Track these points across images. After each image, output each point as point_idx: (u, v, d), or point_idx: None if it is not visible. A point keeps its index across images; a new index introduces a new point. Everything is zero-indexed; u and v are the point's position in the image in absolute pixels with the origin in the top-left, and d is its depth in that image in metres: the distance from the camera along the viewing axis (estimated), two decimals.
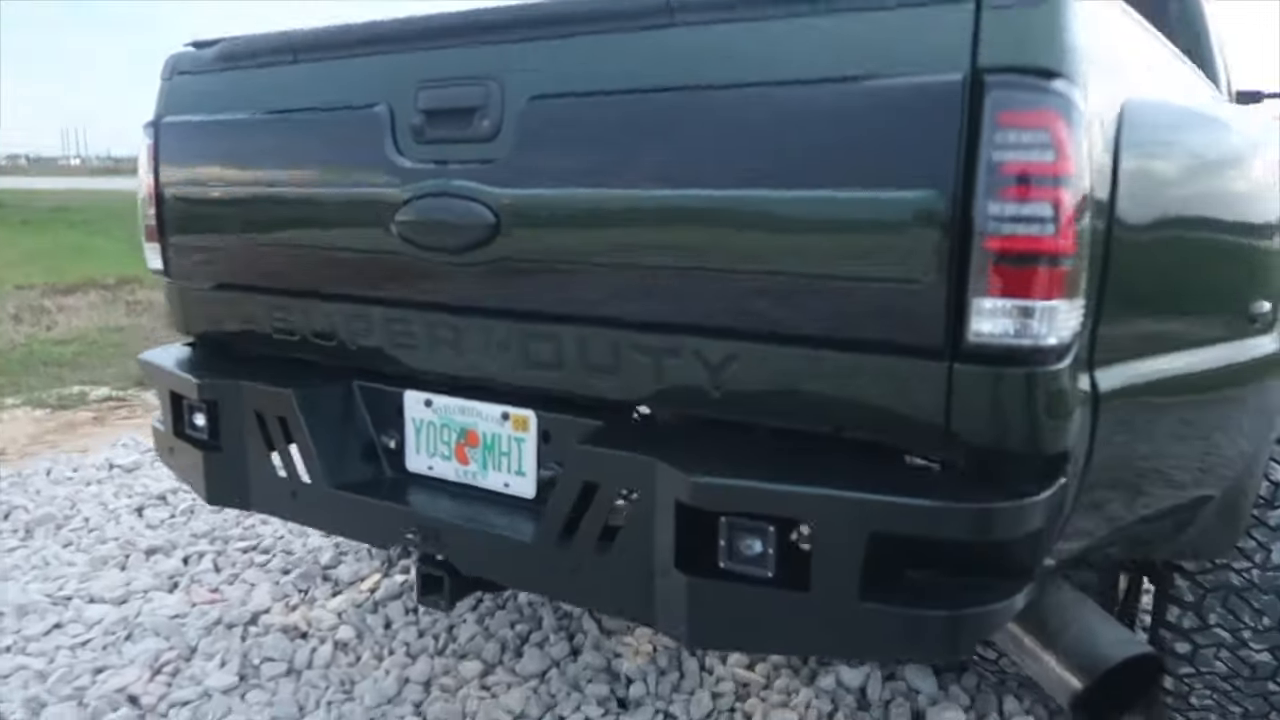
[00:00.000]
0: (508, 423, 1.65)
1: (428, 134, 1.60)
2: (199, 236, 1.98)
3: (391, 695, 2.31)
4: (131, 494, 3.74)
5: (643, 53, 1.41)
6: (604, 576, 1.45)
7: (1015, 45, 1.15)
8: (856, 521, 1.23)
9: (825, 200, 1.26)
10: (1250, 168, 1.59)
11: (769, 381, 1.36)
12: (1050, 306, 1.17)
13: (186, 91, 1.98)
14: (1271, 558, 1.73)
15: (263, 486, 1.86)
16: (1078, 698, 1.50)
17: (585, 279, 1.48)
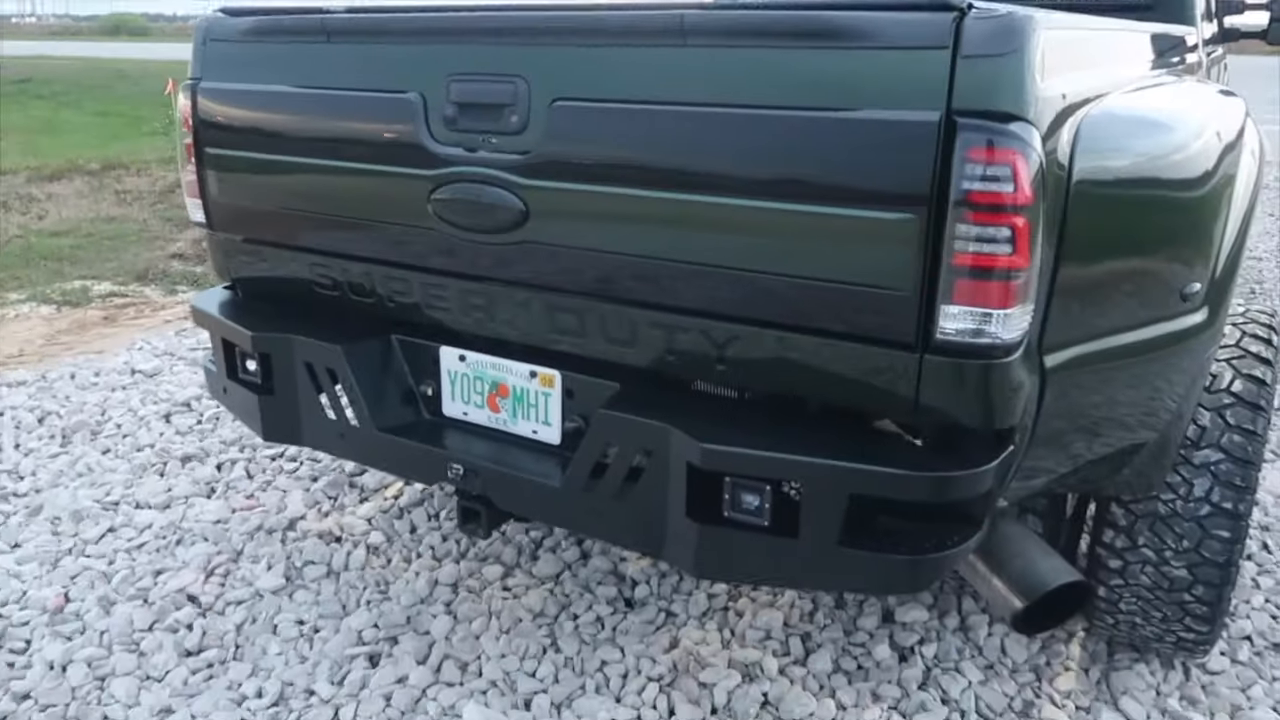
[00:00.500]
0: (535, 379, 1.89)
1: (460, 123, 1.76)
2: (240, 196, 2.15)
3: (424, 596, 2.62)
4: (157, 400, 3.95)
5: (657, 69, 1.57)
6: (622, 518, 1.71)
7: (983, 91, 1.34)
8: (838, 485, 1.49)
9: (816, 214, 1.46)
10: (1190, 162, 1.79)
11: (767, 360, 1.59)
12: (1005, 312, 1.40)
13: (222, 58, 2.11)
14: (1194, 491, 2.01)
15: (314, 427, 2.10)
16: (1018, 616, 1.80)
17: (605, 264, 1.68)
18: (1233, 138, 2.01)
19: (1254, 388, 2.02)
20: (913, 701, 2.23)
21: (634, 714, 2.20)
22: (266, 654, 2.41)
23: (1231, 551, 2.01)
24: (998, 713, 2.21)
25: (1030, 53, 1.35)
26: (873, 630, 2.47)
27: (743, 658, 2.37)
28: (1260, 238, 7.13)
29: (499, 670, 2.33)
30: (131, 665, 2.36)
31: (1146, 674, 2.32)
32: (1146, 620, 2.17)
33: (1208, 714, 2.21)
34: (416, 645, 2.41)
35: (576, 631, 2.47)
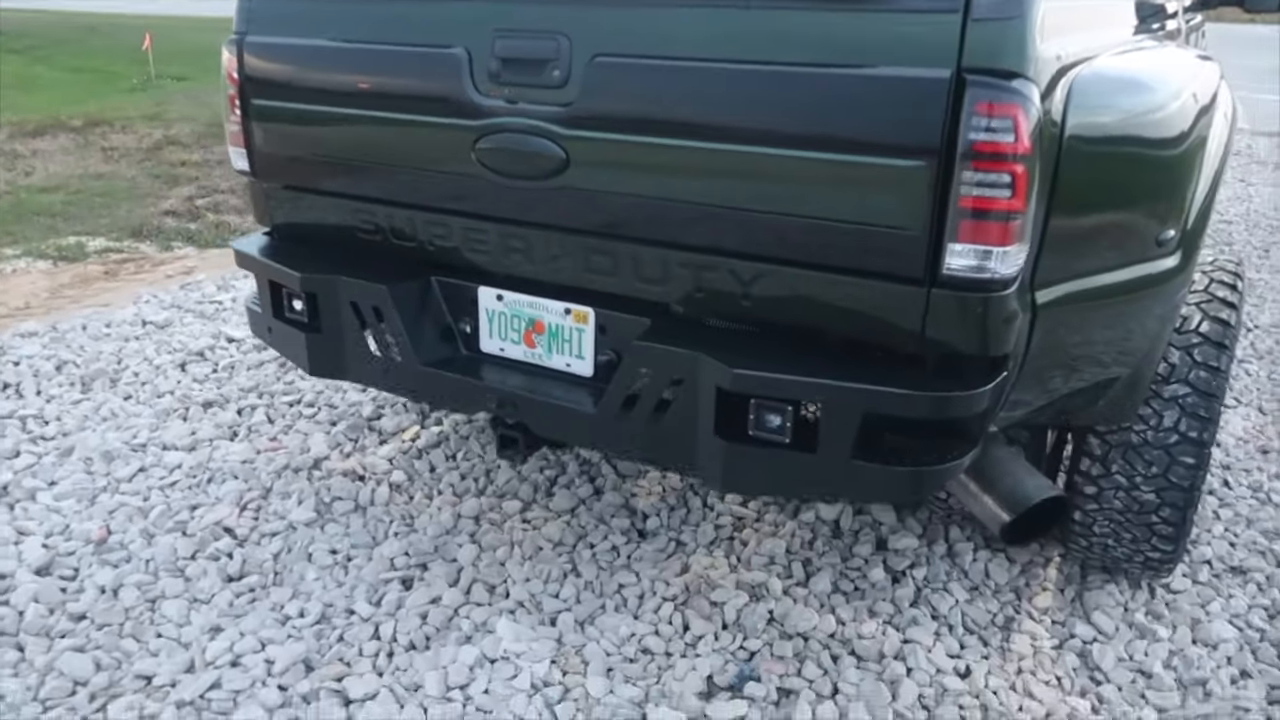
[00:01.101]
0: (569, 316, 2.05)
1: (504, 77, 1.91)
2: (286, 146, 2.28)
3: (449, 527, 2.79)
4: (171, 350, 4.07)
5: (691, 28, 1.72)
6: (656, 439, 1.89)
7: (990, 51, 1.51)
8: (853, 404, 1.68)
9: (837, 161, 1.63)
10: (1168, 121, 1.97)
11: (789, 295, 1.77)
12: (1004, 250, 1.58)
13: (268, 14, 2.24)
14: (1163, 422, 2.22)
15: (359, 363, 2.26)
16: (1005, 527, 2.01)
17: (640, 208, 1.85)
18: (1208, 100, 2.19)
19: (1219, 328, 2.23)
20: (905, 617, 2.45)
21: (652, 629, 2.39)
22: (305, 579, 2.58)
23: (1195, 476, 2.22)
24: (982, 626, 2.43)
25: (1032, 16, 1.52)
26: (868, 556, 2.68)
27: (749, 580, 2.57)
28: (1231, 202, 7.38)
29: (525, 592, 2.51)
30: (179, 589, 2.52)
31: (1116, 593, 2.55)
32: (1118, 542, 2.39)
33: (1170, 626, 2.44)
34: (446, 570, 2.59)
35: (594, 558, 2.66)
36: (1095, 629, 2.42)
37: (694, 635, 2.37)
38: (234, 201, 6.81)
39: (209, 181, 7.45)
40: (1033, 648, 2.36)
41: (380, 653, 2.31)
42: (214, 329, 4.29)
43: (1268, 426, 3.53)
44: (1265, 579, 2.64)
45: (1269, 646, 2.37)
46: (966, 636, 2.39)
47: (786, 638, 2.37)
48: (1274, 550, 2.75)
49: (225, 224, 6.23)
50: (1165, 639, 2.39)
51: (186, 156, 8.36)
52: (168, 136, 9.19)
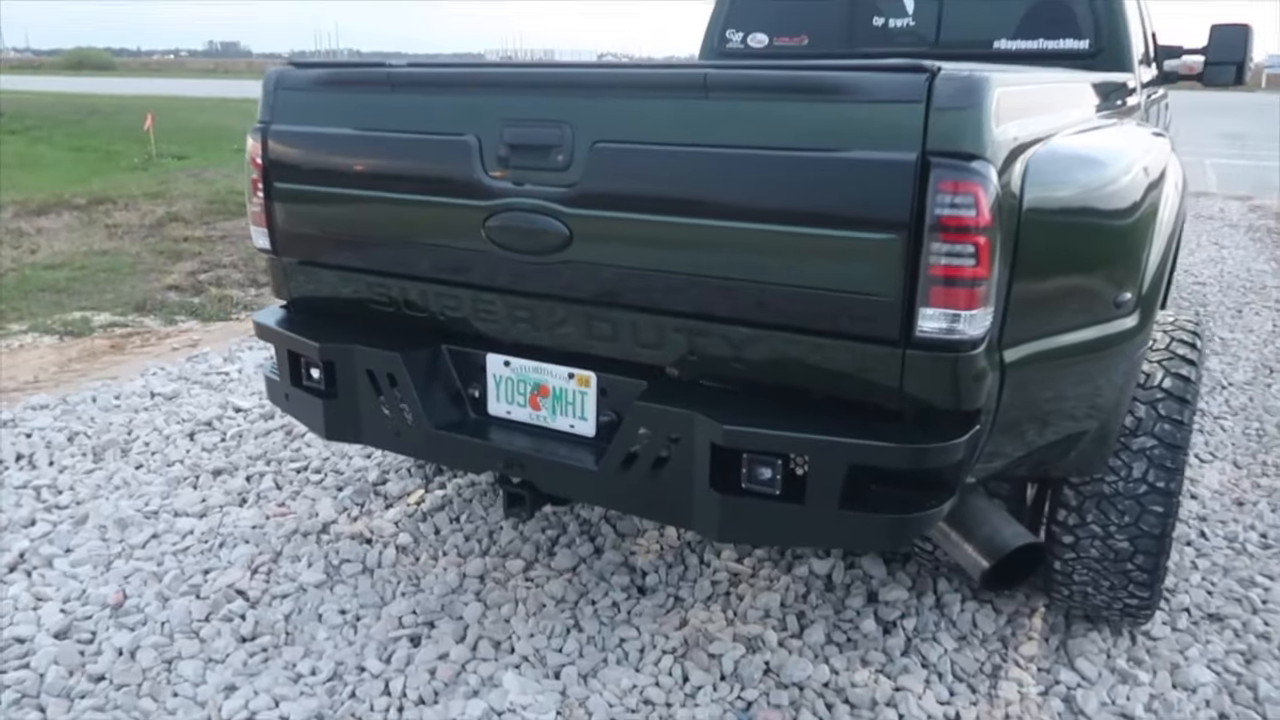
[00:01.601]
0: (573, 380, 2.19)
1: (512, 161, 2.08)
2: (307, 225, 2.45)
3: (455, 586, 2.89)
4: (180, 420, 4.19)
5: (682, 117, 1.90)
6: (655, 494, 2.02)
7: (951, 136, 1.68)
8: (838, 458, 1.81)
9: (819, 235, 1.79)
10: (1121, 193, 2.15)
11: (775, 357, 1.91)
12: (971, 313, 1.73)
13: (291, 104, 2.42)
14: (1133, 473, 2.35)
15: (372, 426, 2.39)
16: (985, 574, 2.12)
17: (637, 279, 2.00)
18: (1158, 173, 2.38)
19: (1181, 384, 2.38)
20: (896, 666, 2.54)
21: (653, 680, 2.48)
22: (316, 639, 2.66)
23: (1165, 524, 2.35)
24: (970, 674, 2.53)
25: (987, 105, 1.70)
26: (859, 608, 2.78)
27: (746, 632, 2.67)
28: (1205, 264, 7.63)
29: (530, 647, 2.60)
30: (195, 650, 2.61)
31: (1099, 640, 2.65)
32: (1097, 589, 2.50)
33: (1151, 671, 2.54)
34: (453, 628, 2.68)
35: (596, 614, 2.76)
36: (1079, 675, 2.52)
37: (693, 686, 2.46)
38: (236, 276, 7.00)
39: (211, 256, 7.64)
40: (1019, 694, 2.46)
41: (390, 708, 2.40)
42: (221, 399, 4.41)
43: (1243, 479, 3.66)
44: (1241, 625, 2.74)
45: (1245, 689, 2.47)
46: (955, 684, 2.49)
47: (782, 687, 2.46)
48: (1249, 597, 2.86)
49: (228, 297, 6.39)
50: (1146, 683, 2.48)
51: (189, 232, 8.56)
52: (170, 213, 9.42)
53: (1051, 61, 3.66)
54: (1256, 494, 3.53)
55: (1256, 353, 5.25)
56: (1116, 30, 3.60)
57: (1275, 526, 3.29)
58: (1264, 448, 3.96)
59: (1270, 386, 4.70)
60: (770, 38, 4.27)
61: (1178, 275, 7.16)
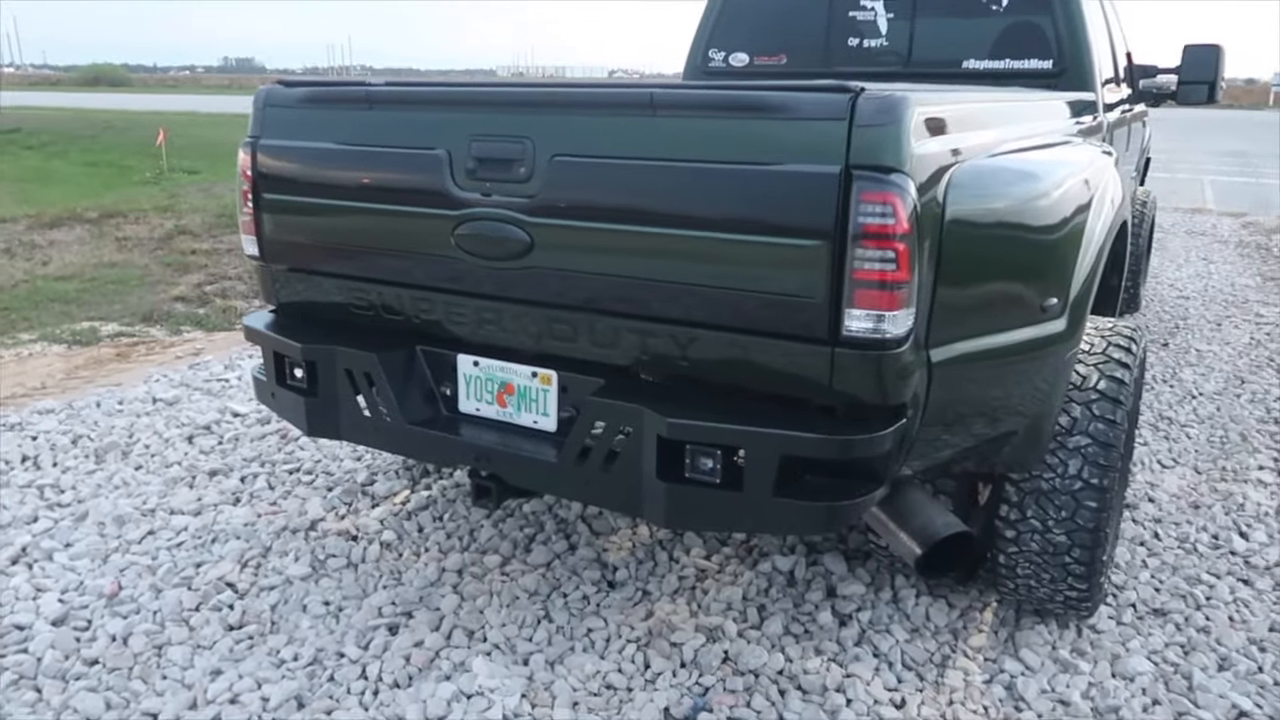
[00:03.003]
0: (536, 379, 2.34)
1: (479, 173, 2.23)
2: (292, 234, 2.60)
3: (433, 580, 3.03)
4: (180, 424, 4.35)
5: (632, 133, 2.06)
6: (608, 483, 2.16)
7: (871, 151, 1.83)
8: (772, 448, 1.95)
9: (753, 242, 1.94)
10: (1046, 203, 2.30)
11: (717, 355, 2.06)
12: (894, 314, 1.87)
13: (278, 120, 2.58)
14: (1068, 470, 2.48)
15: (351, 422, 2.53)
16: (918, 560, 2.25)
17: (593, 283, 2.15)
18: (1091, 189, 2.52)
19: (1115, 386, 2.51)
20: (848, 655, 2.67)
21: (616, 667, 2.61)
22: (300, 627, 2.80)
23: (1099, 519, 2.47)
24: (919, 663, 2.65)
25: (906, 122, 1.84)
26: (818, 602, 2.91)
27: (707, 624, 2.80)
28: (1191, 279, 7.74)
29: (501, 636, 2.74)
30: (184, 636, 2.75)
31: (1045, 632, 2.77)
32: (1039, 582, 2.62)
33: (1092, 661, 2.66)
34: (430, 618, 2.82)
35: (566, 606, 2.89)
36: (1023, 664, 2.64)
37: (654, 672, 2.59)
38: (241, 288, 7.18)
39: (218, 269, 7.83)
40: (964, 682, 2.58)
41: (366, 690, 2.53)
42: (220, 404, 4.57)
43: (1201, 484, 3.77)
44: (1184, 619, 2.86)
45: (1180, 678, 2.59)
46: (904, 672, 2.61)
47: (739, 674, 2.58)
48: (1194, 594, 2.98)
49: (232, 308, 6.56)
50: (1086, 672, 2.60)
51: (197, 245, 8.76)
52: (179, 227, 9.63)
53: (1018, 81, 3.81)
54: (1213, 498, 3.65)
55: (1230, 364, 5.37)
56: (1079, 51, 3.75)
57: (1226, 528, 3.40)
58: (1225, 454, 4.07)
59: (1239, 397, 4.82)
60: (751, 57, 4.44)
61: (1161, 289, 7.28)
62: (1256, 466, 3.95)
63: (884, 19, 4.15)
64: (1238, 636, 2.77)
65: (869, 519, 2.33)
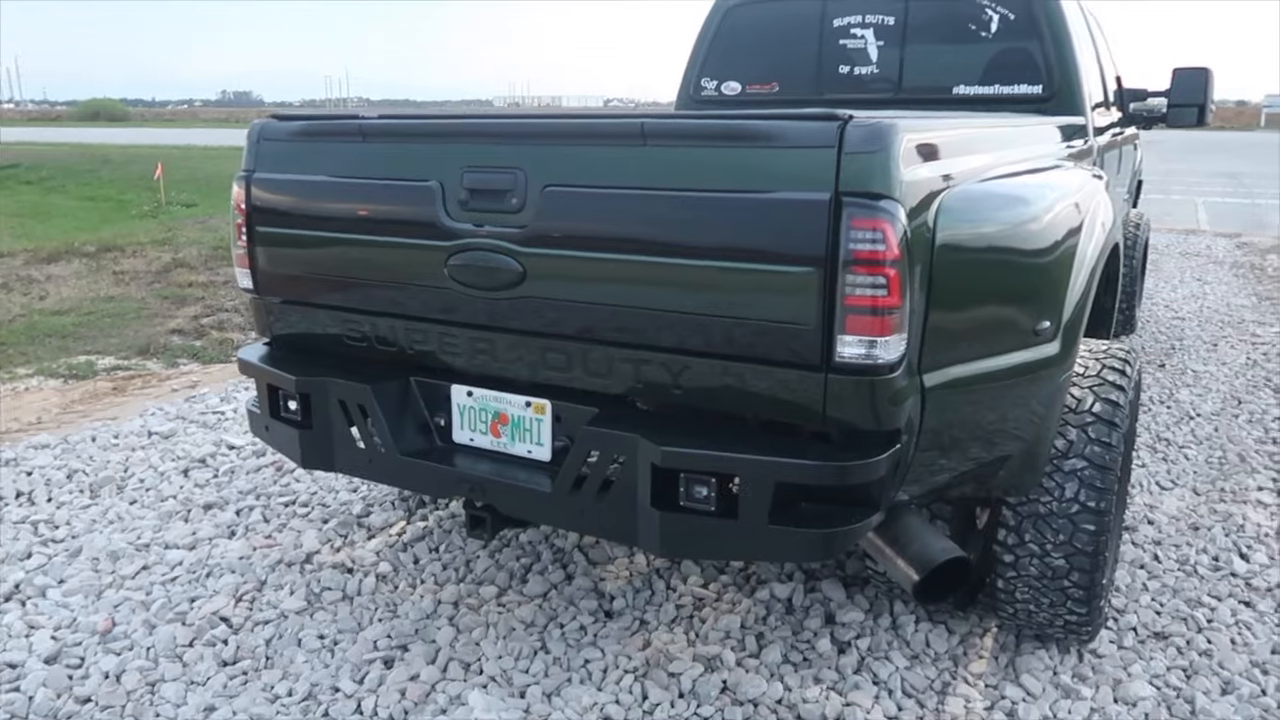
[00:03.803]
0: (530, 408, 2.34)
1: (471, 204, 2.24)
2: (286, 266, 2.61)
3: (429, 612, 3.01)
4: (176, 458, 4.34)
5: (623, 163, 2.07)
6: (602, 513, 2.15)
7: (861, 178, 1.84)
8: (767, 475, 1.95)
9: (745, 269, 1.94)
10: (1037, 227, 2.31)
11: (711, 383, 2.06)
12: (886, 339, 1.87)
13: (272, 154, 2.60)
14: (1065, 493, 2.47)
15: (345, 454, 2.53)
16: (916, 586, 2.24)
17: (586, 312, 2.15)
18: (1082, 214, 2.54)
19: (1110, 408, 2.50)
20: (848, 683, 2.64)
21: (613, 698, 2.59)
22: (294, 662, 2.78)
23: (1098, 542, 2.46)
24: (920, 690, 2.63)
25: (894, 150, 1.85)
26: (817, 629, 2.89)
27: (705, 653, 2.77)
28: (1186, 300, 7.76)
29: (498, 668, 2.71)
30: (177, 673, 2.73)
31: (1046, 658, 2.75)
32: (1039, 607, 2.61)
33: (1094, 687, 2.63)
34: (425, 650, 2.80)
35: (563, 637, 2.87)
36: (1024, 690, 2.61)
37: (651, 703, 2.56)
38: (237, 320, 7.18)
39: (214, 301, 7.84)
40: (965, 709, 2.55)
41: None
42: (216, 437, 4.56)
43: (1200, 505, 3.76)
44: (1185, 643, 2.84)
45: (1183, 702, 2.56)
46: (904, 699, 2.59)
47: (737, 704, 2.56)
48: (1195, 617, 2.96)
49: (229, 341, 6.56)
50: (1088, 698, 2.58)
51: (194, 278, 8.78)
52: (176, 260, 9.65)
53: (1008, 106, 3.84)
54: (1212, 519, 3.63)
55: (1227, 384, 5.37)
56: (1068, 76, 3.78)
57: (1226, 550, 3.39)
58: (1224, 475, 4.06)
59: (1237, 417, 4.81)
60: (743, 85, 4.47)
61: (1157, 310, 7.30)
62: (1256, 487, 3.94)
63: (874, 46, 4.18)
64: (1240, 659, 2.75)
65: (866, 545, 2.31)
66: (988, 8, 3.96)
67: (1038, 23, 3.81)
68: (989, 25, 3.97)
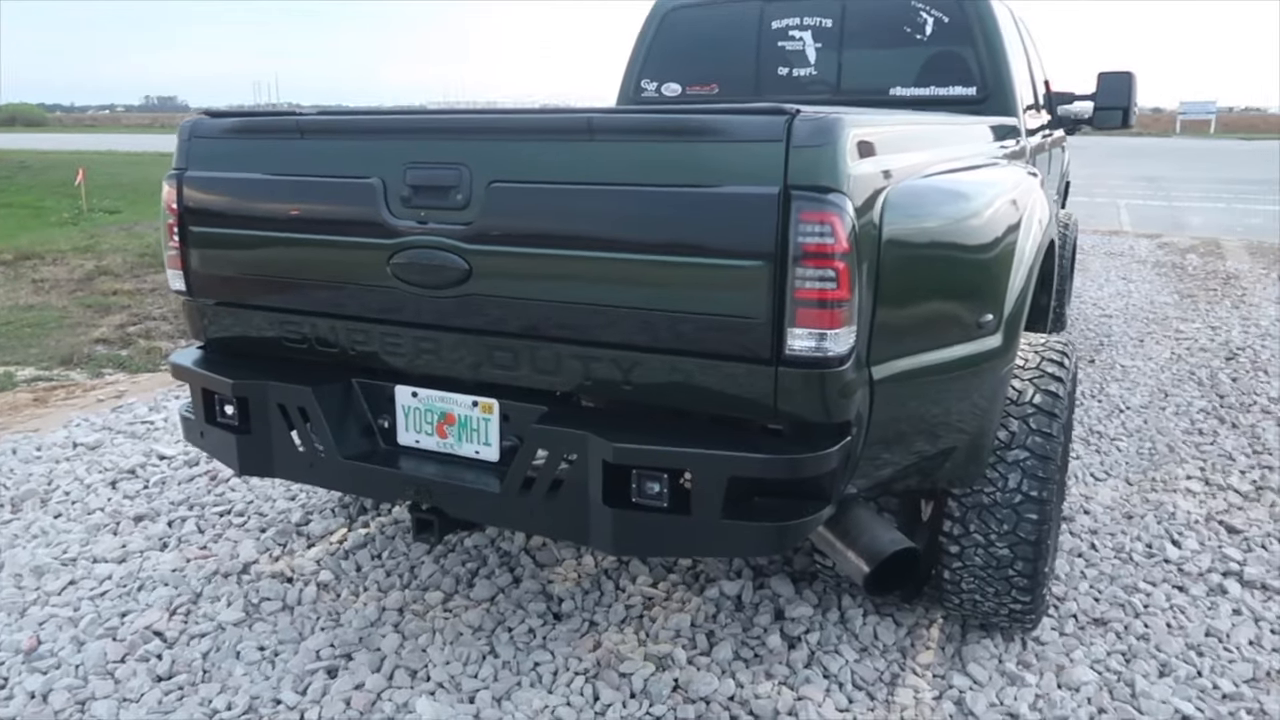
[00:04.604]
0: (477, 408, 2.30)
1: (414, 201, 2.20)
2: (221, 267, 2.53)
3: (374, 620, 2.94)
4: (102, 469, 4.18)
5: (571, 158, 2.04)
6: (554, 512, 2.12)
7: (809, 171, 1.84)
8: (719, 470, 1.94)
9: (694, 264, 1.93)
10: (979, 222, 2.34)
11: (661, 379, 2.04)
12: (835, 332, 1.88)
13: (205, 152, 2.52)
14: (1008, 484, 2.51)
15: (285, 459, 2.46)
16: (866, 578, 2.25)
17: (534, 309, 2.12)
18: (1020, 209, 2.58)
19: (1050, 400, 2.56)
20: (799, 678, 2.65)
21: (564, 700, 2.55)
22: (233, 675, 2.69)
23: (1040, 531, 2.51)
24: (869, 683, 2.64)
25: (842, 144, 1.86)
26: (767, 625, 2.89)
27: (656, 652, 2.76)
28: (1112, 298, 7.99)
29: (445, 674, 2.66)
30: (109, 690, 2.62)
31: (991, 646, 2.79)
32: (984, 596, 2.64)
33: (1038, 673, 2.68)
34: (370, 659, 2.73)
35: (512, 640, 2.83)
36: (971, 679, 2.65)
37: (603, 704, 2.54)
38: (165, 328, 6.97)
39: (141, 309, 7.60)
40: (915, 699, 2.58)
41: None
42: (145, 448, 4.41)
43: (1133, 495, 3.87)
44: (1124, 628, 2.91)
45: (1124, 685, 2.62)
46: (855, 692, 2.60)
47: (690, 702, 2.55)
48: (1132, 603, 3.03)
49: (157, 349, 6.36)
50: (1033, 684, 2.62)
51: (119, 286, 8.49)
52: (100, 267, 9.33)
53: (943, 107, 3.91)
54: (1145, 508, 3.74)
55: (1154, 378, 5.54)
56: (1001, 78, 3.86)
57: (1159, 537, 3.48)
58: (1154, 465, 4.19)
59: (1164, 410, 4.97)
60: (683, 87, 4.48)
61: (1085, 307, 7.51)
62: (1185, 476, 4.06)
63: (813, 49, 4.23)
64: (1176, 642, 2.83)
65: (816, 539, 2.32)
66: (923, 11, 4.03)
67: (971, 26, 3.89)
68: (924, 28, 4.04)
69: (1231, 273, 9.22)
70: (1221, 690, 2.61)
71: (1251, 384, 5.44)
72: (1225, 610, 3.01)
